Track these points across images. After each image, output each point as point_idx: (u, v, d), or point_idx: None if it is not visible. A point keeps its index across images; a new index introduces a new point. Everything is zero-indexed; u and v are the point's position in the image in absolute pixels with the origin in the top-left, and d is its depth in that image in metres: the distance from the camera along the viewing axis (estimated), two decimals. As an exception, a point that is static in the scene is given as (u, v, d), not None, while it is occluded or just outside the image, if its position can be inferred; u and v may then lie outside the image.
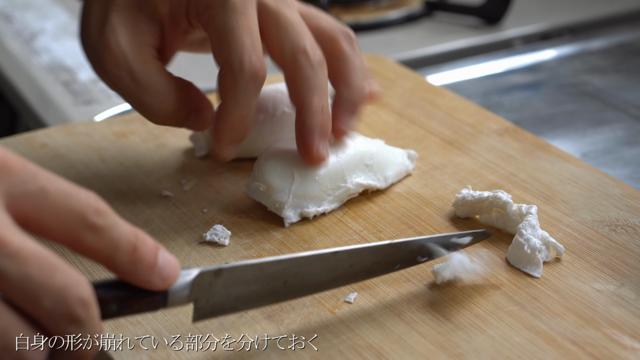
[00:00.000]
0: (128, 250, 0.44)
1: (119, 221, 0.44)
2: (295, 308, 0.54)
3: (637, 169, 0.76)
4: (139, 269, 0.44)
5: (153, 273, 0.45)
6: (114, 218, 0.44)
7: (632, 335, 0.51)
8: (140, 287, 0.45)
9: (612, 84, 0.92)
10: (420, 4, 1.11)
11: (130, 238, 0.44)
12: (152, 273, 0.45)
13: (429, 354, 0.50)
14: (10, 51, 1.04)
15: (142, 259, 0.44)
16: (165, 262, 0.45)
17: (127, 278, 0.45)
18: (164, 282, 0.45)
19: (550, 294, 0.54)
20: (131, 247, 0.44)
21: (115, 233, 0.43)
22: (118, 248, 0.44)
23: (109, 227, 0.43)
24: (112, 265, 0.44)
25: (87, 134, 0.74)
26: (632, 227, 0.60)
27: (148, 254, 0.44)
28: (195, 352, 0.51)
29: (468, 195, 0.61)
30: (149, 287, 0.45)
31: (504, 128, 0.73)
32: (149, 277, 0.45)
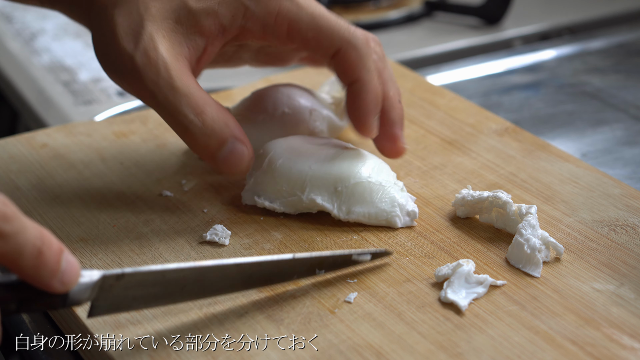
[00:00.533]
0: (33, 254, 0.44)
1: (26, 224, 0.44)
2: (295, 308, 0.54)
3: (636, 169, 0.76)
4: (41, 273, 0.44)
5: (55, 278, 0.45)
6: (21, 222, 0.43)
7: (632, 334, 0.51)
8: (40, 288, 0.45)
9: (612, 84, 0.92)
10: (420, 4, 1.11)
11: (36, 242, 0.44)
12: (54, 278, 0.45)
13: (429, 353, 0.50)
14: (10, 51, 1.04)
15: (45, 263, 0.44)
16: (67, 266, 0.45)
17: (29, 280, 0.45)
18: (64, 286, 0.46)
19: (550, 294, 0.55)
20: (36, 252, 0.44)
21: (21, 238, 0.43)
22: (23, 253, 0.44)
23: (15, 233, 0.43)
24: (15, 268, 0.44)
25: (87, 133, 0.74)
26: (631, 227, 0.61)
27: (52, 259, 0.45)
28: (195, 352, 0.51)
29: (468, 195, 0.61)
30: (49, 291, 0.45)
31: (504, 128, 0.73)
32: (51, 282, 0.45)
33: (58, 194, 0.66)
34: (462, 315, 0.53)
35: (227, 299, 0.55)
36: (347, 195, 0.61)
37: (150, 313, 0.54)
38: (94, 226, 0.62)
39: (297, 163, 0.62)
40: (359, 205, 0.61)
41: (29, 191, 0.67)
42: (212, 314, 0.54)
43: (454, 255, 0.58)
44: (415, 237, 0.60)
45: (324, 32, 0.60)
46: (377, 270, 0.57)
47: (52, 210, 0.64)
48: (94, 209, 0.64)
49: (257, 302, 0.55)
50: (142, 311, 0.54)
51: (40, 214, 0.64)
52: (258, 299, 0.55)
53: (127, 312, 0.53)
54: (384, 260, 0.58)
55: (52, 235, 0.45)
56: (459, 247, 0.59)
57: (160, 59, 0.58)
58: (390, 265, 0.58)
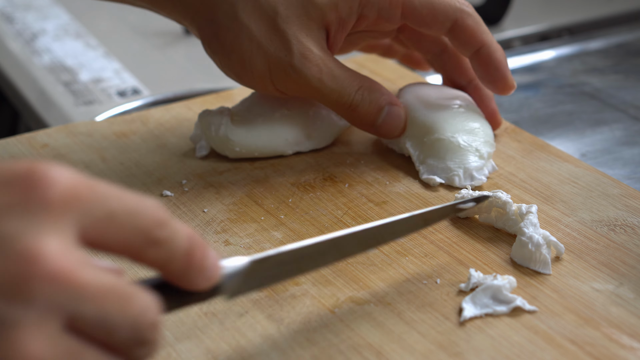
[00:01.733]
0: (183, 258, 0.43)
1: (177, 228, 0.43)
2: (295, 308, 0.54)
3: (636, 169, 0.76)
4: (189, 274, 0.44)
5: (201, 276, 0.44)
6: (174, 227, 0.42)
7: (631, 334, 0.51)
8: (185, 288, 0.44)
9: (611, 84, 0.93)
10: (420, 5, 1.11)
11: (186, 245, 0.43)
12: (200, 277, 0.44)
13: (429, 353, 0.50)
14: (11, 51, 1.04)
15: (194, 264, 0.43)
16: (212, 263, 0.44)
17: (176, 281, 0.44)
18: (209, 283, 0.45)
19: (549, 294, 0.55)
20: (186, 255, 0.43)
21: (174, 244, 0.42)
22: (175, 257, 0.43)
23: (169, 239, 0.42)
24: (166, 272, 0.43)
25: (88, 134, 0.75)
26: (630, 227, 0.61)
27: (199, 259, 0.44)
28: (196, 351, 0.51)
29: (468, 195, 0.61)
30: (194, 288, 0.44)
31: (503, 128, 0.73)
32: (197, 281, 0.44)
33: (59, 194, 0.66)
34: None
35: (227, 298, 0.55)
36: (427, 147, 0.67)
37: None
38: (94, 226, 0.62)
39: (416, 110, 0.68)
40: (432, 159, 0.66)
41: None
42: (212, 314, 0.54)
43: (453, 255, 0.58)
44: (415, 237, 0.60)
45: (438, 7, 0.64)
46: (377, 270, 0.57)
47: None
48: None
49: (257, 302, 0.55)
50: (142, 311, 0.54)
51: (41, 214, 0.64)
52: (258, 298, 0.55)
53: None
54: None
55: (196, 232, 0.44)
56: (459, 247, 0.59)
57: (317, 57, 0.63)
58: (390, 265, 0.58)
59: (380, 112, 0.66)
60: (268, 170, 0.69)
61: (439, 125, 0.67)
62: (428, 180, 0.66)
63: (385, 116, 0.66)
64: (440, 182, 0.66)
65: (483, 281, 0.55)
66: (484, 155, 0.66)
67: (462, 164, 0.66)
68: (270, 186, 0.67)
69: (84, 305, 0.39)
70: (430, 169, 0.67)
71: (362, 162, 0.70)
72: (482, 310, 0.53)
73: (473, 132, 0.67)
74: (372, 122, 0.66)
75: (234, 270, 0.47)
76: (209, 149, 0.70)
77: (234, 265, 0.47)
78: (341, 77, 0.64)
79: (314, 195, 0.65)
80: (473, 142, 0.67)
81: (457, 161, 0.66)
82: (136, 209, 0.41)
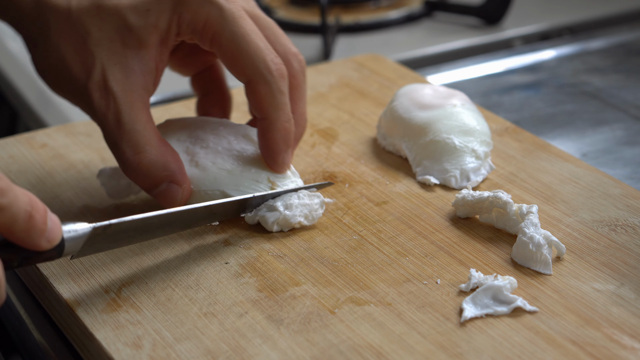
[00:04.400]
0: (25, 220, 0.47)
1: (17, 193, 0.47)
2: (295, 308, 0.54)
3: (636, 169, 0.76)
4: (31, 235, 0.48)
5: (43, 237, 0.48)
6: (14, 192, 0.46)
7: (632, 335, 0.51)
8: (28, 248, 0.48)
9: (612, 84, 0.92)
10: (420, 4, 1.11)
11: (27, 208, 0.47)
12: (42, 237, 0.48)
13: (429, 354, 0.50)
14: (10, 51, 1.04)
15: (35, 226, 0.48)
16: (52, 225, 0.49)
17: (19, 242, 0.48)
18: (51, 244, 0.49)
19: (550, 294, 0.55)
20: (27, 217, 0.47)
21: (15, 208, 0.46)
22: (17, 220, 0.47)
23: (10, 204, 0.46)
24: (8, 233, 0.47)
25: (87, 133, 0.74)
26: (631, 227, 0.60)
27: (40, 220, 0.48)
28: (195, 352, 0.51)
29: (468, 195, 0.61)
30: (36, 249, 0.48)
31: (504, 128, 0.73)
32: (39, 241, 0.48)
33: (58, 194, 0.66)
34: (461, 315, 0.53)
35: (227, 298, 0.55)
36: (423, 149, 0.67)
37: (150, 313, 0.54)
38: (94, 226, 0.62)
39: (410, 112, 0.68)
40: (428, 160, 0.66)
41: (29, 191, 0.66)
42: (212, 314, 0.54)
43: (454, 256, 0.58)
44: (415, 237, 0.60)
45: (239, 57, 0.59)
46: (377, 271, 0.57)
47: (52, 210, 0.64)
48: (94, 209, 0.64)
49: (257, 302, 0.55)
50: (141, 311, 0.54)
51: (40, 214, 0.64)
52: (258, 298, 0.55)
53: None
54: None
55: (36, 197, 0.48)
56: (459, 247, 0.59)
57: (111, 93, 0.58)
58: (390, 265, 0.58)
59: (156, 186, 0.60)
60: (268, 170, 0.68)
61: (434, 127, 0.67)
62: (423, 180, 0.66)
63: (159, 191, 0.60)
64: (435, 182, 0.66)
65: (484, 281, 0.55)
66: (481, 156, 0.66)
67: (459, 165, 0.66)
68: (270, 186, 0.67)
69: None
70: (426, 171, 0.67)
71: (362, 162, 0.69)
72: (483, 311, 0.53)
73: (469, 132, 0.67)
74: (145, 189, 0.60)
75: (76, 234, 0.51)
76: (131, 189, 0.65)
77: (75, 229, 0.51)
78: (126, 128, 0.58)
79: (314, 195, 0.65)
80: (469, 142, 0.66)
81: (454, 162, 0.66)
82: None
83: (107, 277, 0.57)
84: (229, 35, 0.59)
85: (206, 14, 0.59)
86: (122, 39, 0.59)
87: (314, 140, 0.73)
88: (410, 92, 0.71)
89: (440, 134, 0.66)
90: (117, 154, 0.59)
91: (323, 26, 1.00)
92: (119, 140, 0.59)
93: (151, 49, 0.59)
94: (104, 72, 0.58)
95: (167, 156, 0.59)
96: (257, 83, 0.59)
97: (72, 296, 0.56)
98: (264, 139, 0.61)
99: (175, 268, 0.58)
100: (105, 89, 0.58)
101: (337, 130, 0.74)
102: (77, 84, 0.59)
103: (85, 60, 0.59)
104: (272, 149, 0.61)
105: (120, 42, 0.59)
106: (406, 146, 0.68)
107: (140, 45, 0.59)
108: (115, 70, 0.59)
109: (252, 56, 0.59)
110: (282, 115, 0.60)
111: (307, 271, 0.57)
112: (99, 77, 0.58)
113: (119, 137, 0.59)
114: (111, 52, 0.59)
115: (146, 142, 0.59)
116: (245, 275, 0.57)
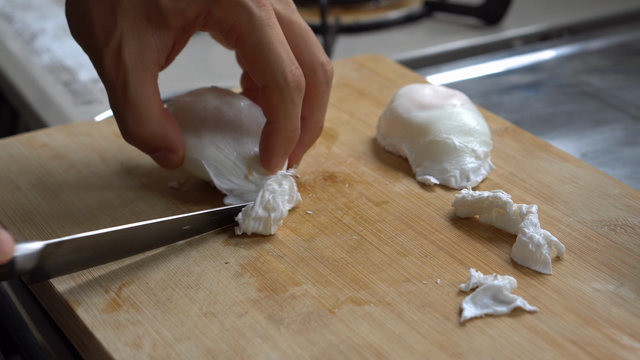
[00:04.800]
0: None
1: None
2: (295, 308, 0.54)
3: (636, 169, 0.76)
4: None
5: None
6: None
7: (632, 334, 0.51)
8: None
9: (612, 84, 0.92)
10: (420, 4, 1.11)
11: None
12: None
13: (429, 353, 0.50)
14: (10, 51, 1.04)
15: None
16: (3, 239, 0.49)
17: None
18: (5, 257, 0.50)
19: (550, 294, 0.55)
20: None
21: None
22: None
23: None
24: None
25: (87, 133, 0.74)
26: (631, 227, 0.61)
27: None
28: (195, 352, 0.51)
29: (468, 195, 0.61)
30: None
31: (504, 128, 0.73)
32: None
33: (58, 194, 0.66)
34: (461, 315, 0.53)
35: (227, 298, 0.55)
36: (423, 149, 0.67)
37: (150, 313, 0.54)
38: (94, 226, 0.62)
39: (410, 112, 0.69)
40: (428, 160, 0.66)
41: (29, 191, 0.67)
42: (212, 314, 0.54)
43: (454, 255, 0.58)
44: (415, 237, 0.60)
45: (259, 63, 0.60)
46: (377, 270, 0.57)
47: (52, 210, 0.64)
48: (94, 209, 0.64)
49: (257, 302, 0.55)
50: (141, 311, 0.54)
51: (40, 214, 0.64)
52: (258, 298, 0.55)
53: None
54: None
55: None
56: (459, 247, 0.59)
57: (122, 64, 0.60)
58: (390, 265, 0.58)
59: (152, 153, 0.63)
60: (268, 170, 0.69)
61: (434, 127, 0.67)
62: (423, 180, 0.66)
63: (156, 157, 0.63)
64: (435, 182, 0.66)
65: (483, 281, 0.55)
66: (480, 156, 0.66)
67: (459, 165, 0.66)
68: (270, 186, 0.67)
69: None
70: (426, 171, 0.67)
71: (362, 162, 0.69)
72: (483, 311, 0.53)
73: (469, 132, 0.67)
74: (144, 152, 0.63)
75: (28, 252, 0.52)
76: None
77: (27, 247, 0.52)
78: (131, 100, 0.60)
79: (314, 195, 0.65)
80: (469, 142, 0.66)
81: (454, 162, 0.66)
82: None
83: (107, 277, 0.57)
84: (254, 42, 0.60)
85: (236, 16, 0.60)
86: (148, 14, 0.60)
87: (314, 140, 0.73)
88: (410, 92, 0.71)
89: (440, 134, 0.66)
90: (120, 122, 0.61)
91: (323, 26, 1.00)
92: (123, 110, 0.60)
93: (172, 32, 0.61)
94: (121, 42, 0.60)
95: (166, 127, 0.62)
96: (272, 90, 0.60)
97: (72, 296, 0.56)
98: (265, 141, 0.62)
99: (175, 268, 0.58)
100: (118, 58, 0.60)
101: (337, 130, 0.74)
102: (95, 44, 0.60)
103: (108, 24, 0.60)
104: (270, 151, 0.62)
105: (144, 17, 0.60)
106: (406, 146, 0.68)
107: (163, 26, 0.60)
108: (132, 42, 0.60)
109: (272, 65, 0.60)
110: (289, 124, 0.61)
111: (307, 271, 0.57)
112: (115, 45, 0.60)
113: (123, 108, 0.60)
114: (133, 24, 0.60)
115: (148, 115, 0.61)
116: (245, 275, 0.57)
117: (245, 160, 0.63)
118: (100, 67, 0.61)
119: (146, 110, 0.61)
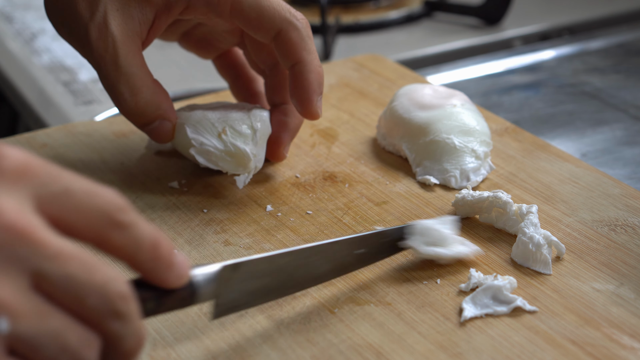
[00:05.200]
0: (150, 247, 0.43)
1: (140, 218, 0.43)
2: (295, 308, 0.54)
3: (636, 169, 0.76)
4: (158, 267, 0.44)
5: (171, 271, 0.44)
6: (136, 215, 0.43)
7: (632, 334, 0.51)
8: (157, 284, 0.45)
9: (612, 84, 0.92)
10: (420, 4, 1.11)
11: (152, 235, 0.43)
12: (170, 271, 0.44)
13: (429, 353, 0.50)
14: (10, 51, 1.04)
15: (161, 256, 0.44)
16: (180, 260, 0.45)
17: (147, 275, 0.44)
18: (180, 280, 0.45)
19: (550, 294, 0.55)
20: (153, 245, 0.43)
21: (139, 230, 0.43)
22: (141, 245, 0.43)
23: (133, 225, 0.42)
24: (134, 262, 0.43)
25: (87, 133, 0.75)
26: (631, 227, 0.61)
27: (166, 252, 0.44)
28: (195, 352, 0.51)
29: (468, 195, 0.61)
30: (165, 285, 0.45)
31: (504, 128, 0.73)
32: (167, 275, 0.44)
33: (58, 194, 0.66)
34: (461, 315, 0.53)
35: (227, 298, 0.55)
36: (423, 149, 0.67)
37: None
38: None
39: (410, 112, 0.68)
40: (428, 160, 0.66)
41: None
42: (212, 314, 0.54)
43: (453, 255, 0.58)
44: (415, 237, 0.60)
45: (266, 12, 0.62)
46: (377, 270, 0.57)
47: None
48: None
49: (257, 302, 0.55)
50: (142, 311, 0.54)
51: (40, 214, 0.64)
52: (258, 298, 0.55)
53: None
54: None
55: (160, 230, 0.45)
56: (459, 247, 0.59)
57: (110, 35, 0.61)
58: (390, 265, 0.58)
59: (149, 124, 0.64)
60: (268, 171, 0.69)
61: (434, 127, 0.67)
62: (423, 180, 0.66)
63: (152, 128, 0.64)
64: (435, 182, 0.66)
65: (483, 281, 0.55)
66: (480, 156, 0.66)
67: (459, 165, 0.66)
68: (270, 186, 0.67)
69: (47, 264, 0.39)
70: (426, 171, 0.67)
71: (362, 162, 0.69)
72: (483, 311, 0.53)
73: (469, 132, 0.67)
74: (139, 126, 0.64)
75: (206, 276, 0.47)
76: None
77: (204, 271, 0.47)
78: (124, 70, 0.61)
79: (314, 195, 0.65)
80: (469, 142, 0.66)
81: (454, 162, 0.66)
82: (93, 190, 0.42)
83: (107, 277, 0.57)
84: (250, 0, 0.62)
85: None
86: None
87: (314, 140, 0.73)
88: (410, 92, 0.71)
89: (440, 134, 0.66)
90: (115, 95, 0.62)
91: (323, 26, 1.00)
92: (117, 82, 0.61)
93: (153, 6, 0.62)
94: (106, 15, 0.61)
95: (160, 96, 0.63)
96: (288, 30, 0.62)
97: (73, 296, 0.56)
98: (298, 83, 0.63)
99: (175, 268, 0.58)
100: (105, 30, 0.61)
101: (337, 130, 0.74)
102: (80, 22, 0.61)
103: (91, 0, 0.61)
104: (307, 90, 0.63)
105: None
106: (406, 146, 0.68)
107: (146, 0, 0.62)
108: (116, 15, 0.61)
109: (278, 9, 0.62)
110: (315, 59, 0.63)
111: (307, 271, 0.57)
112: (100, 19, 0.61)
113: (117, 79, 0.61)
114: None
115: (142, 83, 0.62)
116: (245, 275, 0.57)
117: (223, 122, 0.64)
118: (87, 43, 0.61)
119: (139, 80, 0.62)
